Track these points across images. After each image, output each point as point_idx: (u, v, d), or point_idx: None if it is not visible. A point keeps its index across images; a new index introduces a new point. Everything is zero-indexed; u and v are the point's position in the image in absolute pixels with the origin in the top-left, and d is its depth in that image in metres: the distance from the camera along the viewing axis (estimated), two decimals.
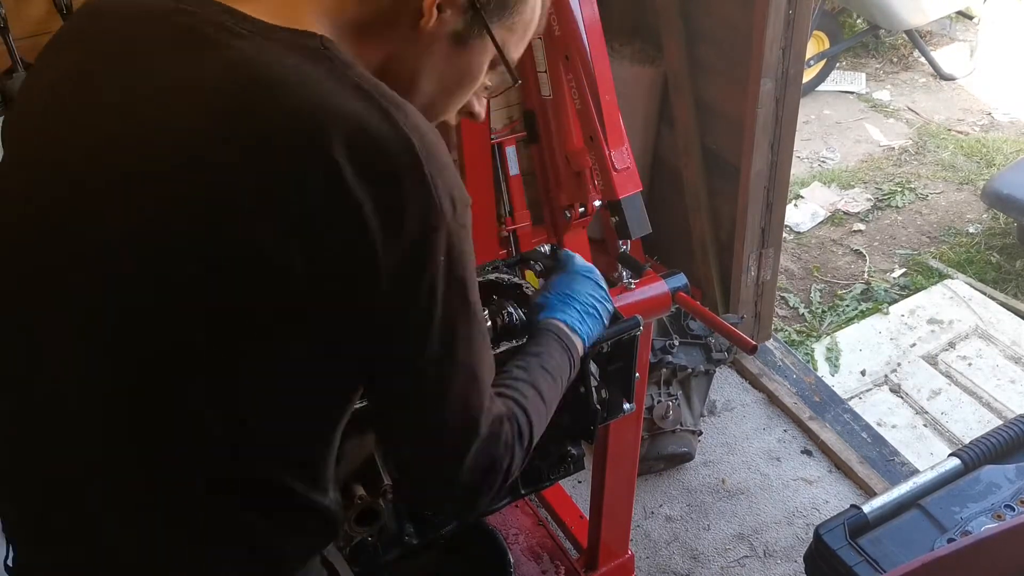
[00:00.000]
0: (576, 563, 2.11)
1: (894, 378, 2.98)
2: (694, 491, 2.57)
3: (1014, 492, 1.59)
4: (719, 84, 2.68)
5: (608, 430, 1.77)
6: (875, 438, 2.68)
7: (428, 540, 1.40)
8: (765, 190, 2.68)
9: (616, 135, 1.77)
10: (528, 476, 1.46)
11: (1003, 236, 3.67)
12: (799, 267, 3.59)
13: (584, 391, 1.38)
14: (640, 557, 2.37)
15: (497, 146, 2.84)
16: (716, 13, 2.59)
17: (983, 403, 2.86)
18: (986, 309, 3.23)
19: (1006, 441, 1.70)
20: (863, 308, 3.32)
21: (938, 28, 5.17)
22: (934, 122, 4.57)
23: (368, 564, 1.34)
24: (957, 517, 1.56)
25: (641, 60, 2.89)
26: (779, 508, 2.51)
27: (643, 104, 2.92)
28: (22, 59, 2.11)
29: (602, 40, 1.82)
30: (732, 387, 2.91)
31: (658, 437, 2.53)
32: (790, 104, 2.52)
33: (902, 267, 3.56)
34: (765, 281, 2.89)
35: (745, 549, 2.41)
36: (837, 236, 3.76)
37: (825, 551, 1.55)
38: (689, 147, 2.83)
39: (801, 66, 2.48)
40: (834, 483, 2.57)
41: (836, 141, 4.47)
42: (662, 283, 1.65)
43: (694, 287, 2.56)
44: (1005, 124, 4.54)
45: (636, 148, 2.19)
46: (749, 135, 2.55)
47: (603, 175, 1.79)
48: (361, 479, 1.26)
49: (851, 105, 4.78)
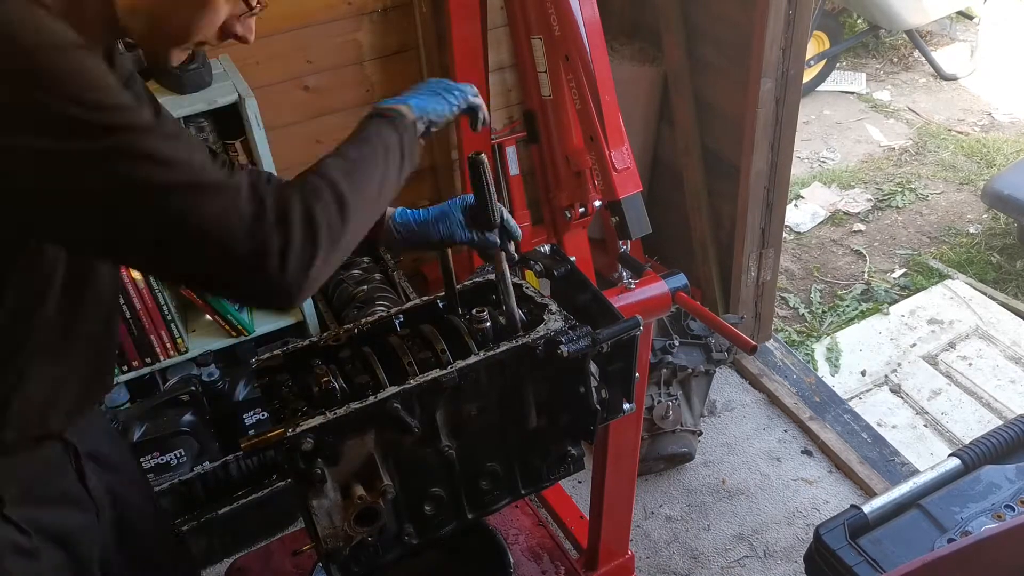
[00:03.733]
0: (576, 563, 2.11)
1: (894, 378, 2.98)
2: (694, 491, 2.57)
3: (1014, 492, 1.59)
4: (719, 84, 2.68)
5: (608, 430, 1.77)
6: (875, 438, 2.68)
7: (428, 540, 1.40)
8: (765, 190, 2.68)
9: (616, 135, 1.77)
10: (528, 476, 1.46)
11: (1003, 236, 3.66)
12: (799, 267, 3.59)
13: (584, 391, 1.38)
14: (640, 557, 2.37)
15: (497, 146, 2.85)
16: (716, 13, 2.59)
17: (983, 403, 2.86)
18: (986, 309, 3.23)
19: (1006, 441, 1.70)
20: (863, 308, 3.32)
21: (938, 28, 5.17)
22: (934, 122, 4.57)
23: (368, 564, 1.34)
24: (957, 517, 1.56)
25: (641, 60, 2.89)
26: (779, 508, 2.51)
27: (643, 104, 2.93)
28: None
29: (602, 40, 1.82)
30: (732, 387, 2.91)
31: (658, 437, 2.53)
32: (790, 104, 2.52)
33: (902, 267, 3.56)
34: (765, 281, 2.89)
35: (745, 549, 2.41)
36: (837, 236, 3.76)
37: (825, 551, 1.55)
38: (689, 147, 2.83)
39: (801, 66, 2.48)
40: (834, 483, 2.57)
41: (836, 141, 4.47)
42: (662, 283, 1.65)
43: (694, 287, 2.56)
44: (1005, 124, 4.54)
45: (636, 148, 2.19)
46: (749, 135, 2.55)
47: (603, 175, 1.79)
48: (361, 479, 1.26)
49: (851, 105, 4.78)
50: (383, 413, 1.23)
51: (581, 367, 1.35)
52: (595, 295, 1.49)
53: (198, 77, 2.17)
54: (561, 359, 1.29)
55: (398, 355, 1.30)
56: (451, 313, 1.41)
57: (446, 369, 1.26)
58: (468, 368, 1.27)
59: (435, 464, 1.34)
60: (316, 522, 1.24)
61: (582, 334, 1.32)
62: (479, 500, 1.43)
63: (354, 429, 1.23)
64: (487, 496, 1.43)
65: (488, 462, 1.41)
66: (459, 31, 2.38)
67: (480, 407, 1.34)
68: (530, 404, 1.37)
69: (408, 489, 1.33)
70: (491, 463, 1.41)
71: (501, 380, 1.33)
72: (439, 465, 1.34)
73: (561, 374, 1.35)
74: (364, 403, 1.22)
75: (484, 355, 1.29)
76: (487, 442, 1.38)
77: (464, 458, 1.36)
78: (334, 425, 1.20)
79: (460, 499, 1.41)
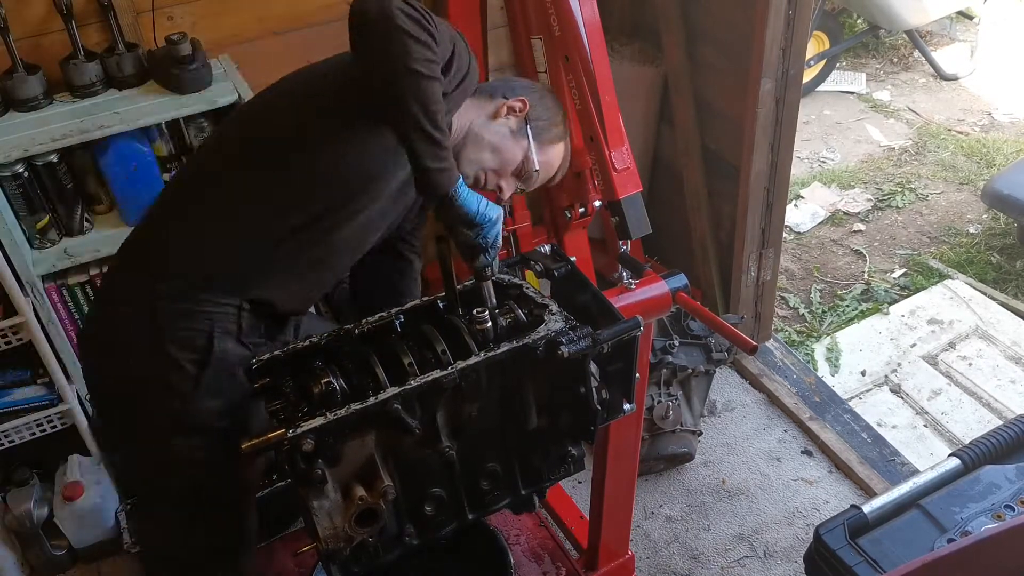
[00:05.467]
0: (576, 563, 2.11)
1: (894, 378, 2.98)
2: (694, 491, 2.57)
3: (1014, 492, 1.58)
4: (719, 84, 2.68)
5: (608, 430, 1.77)
6: (875, 438, 2.68)
7: (428, 540, 1.41)
8: (765, 190, 2.68)
9: (616, 135, 1.77)
10: (528, 476, 1.46)
11: (1003, 236, 3.67)
12: (799, 267, 3.59)
13: (584, 391, 1.38)
14: (640, 557, 2.37)
15: None
16: (716, 13, 2.59)
17: (983, 403, 2.86)
18: (986, 309, 3.23)
19: (1006, 441, 1.70)
20: (863, 308, 3.32)
21: (938, 28, 5.17)
22: (934, 122, 4.57)
23: (368, 564, 1.34)
24: (957, 517, 1.55)
25: (641, 60, 2.89)
26: (779, 508, 2.51)
27: (643, 104, 2.93)
28: (22, 60, 2.11)
29: (602, 40, 1.82)
30: (732, 387, 2.91)
31: (658, 437, 2.53)
32: (790, 104, 2.53)
33: (902, 267, 3.56)
34: (765, 281, 2.89)
35: (745, 549, 2.41)
36: (837, 236, 3.76)
37: (825, 551, 1.55)
38: (689, 147, 2.83)
39: (801, 66, 2.48)
40: (834, 483, 2.57)
41: (836, 141, 4.47)
42: (662, 283, 1.65)
43: (694, 287, 2.56)
44: (1005, 124, 4.54)
45: (636, 148, 2.19)
46: (749, 135, 2.55)
47: (603, 175, 1.79)
48: (361, 479, 1.26)
49: (851, 105, 4.78)
50: (383, 414, 1.23)
51: (581, 367, 1.35)
52: (595, 295, 1.49)
53: (198, 77, 2.16)
54: (561, 359, 1.29)
55: (398, 355, 1.30)
56: (451, 313, 1.41)
57: (446, 370, 1.26)
58: (468, 368, 1.27)
59: (435, 464, 1.34)
60: (317, 522, 1.24)
61: (582, 334, 1.32)
62: (479, 500, 1.43)
63: (355, 430, 1.23)
64: (487, 496, 1.43)
65: (488, 462, 1.41)
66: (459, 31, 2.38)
67: (480, 407, 1.34)
68: (530, 404, 1.37)
69: (408, 489, 1.33)
70: (491, 463, 1.41)
71: (501, 380, 1.33)
72: (439, 465, 1.35)
73: (561, 374, 1.35)
74: (365, 404, 1.22)
75: (484, 355, 1.29)
76: (487, 442, 1.38)
77: (464, 458, 1.36)
78: (335, 426, 1.20)
79: (460, 499, 1.41)
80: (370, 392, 1.24)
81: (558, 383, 1.37)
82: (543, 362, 1.32)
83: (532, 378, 1.35)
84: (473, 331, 1.33)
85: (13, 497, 2.32)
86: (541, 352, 1.31)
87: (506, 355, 1.29)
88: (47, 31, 2.21)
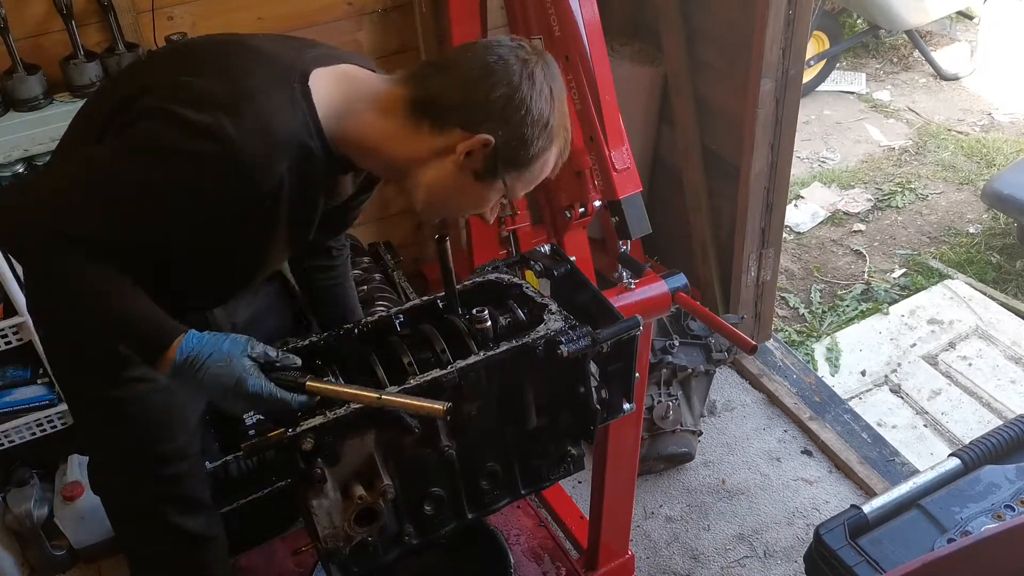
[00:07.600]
0: (577, 563, 2.11)
1: (894, 378, 2.98)
2: (694, 491, 2.57)
3: (1014, 492, 1.59)
4: (719, 84, 2.68)
5: (608, 430, 1.77)
6: (875, 438, 2.68)
7: (428, 540, 1.40)
8: (765, 190, 2.68)
9: (616, 135, 1.78)
10: (528, 476, 1.46)
11: (1003, 236, 3.66)
12: (799, 267, 3.59)
13: (584, 391, 1.38)
14: (640, 557, 2.37)
15: None
16: (716, 13, 2.59)
17: (983, 403, 2.85)
18: (986, 309, 3.23)
19: (1006, 441, 1.70)
20: (863, 308, 3.32)
21: (938, 28, 5.17)
22: (934, 122, 4.57)
23: (368, 564, 1.34)
24: (957, 517, 1.56)
25: (641, 60, 2.89)
26: (779, 508, 2.51)
27: (643, 104, 2.92)
28: (22, 60, 2.11)
29: (602, 40, 1.82)
30: (732, 387, 2.91)
31: (658, 437, 2.53)
32: (790, 104, 2.53)
33: (902, 267, 3.56)
34: (765, 281, 2.89)
35: (745, 549, 2.41)
36: (837, 236, 3.76)
37: (825, 551, 1.55)
38: (689, 147, 2.83)
39: (801, 66, 2.48)
40: (834, 483, 2.57)
41: (836, 141, 4.47)
42: (662, 283, 1.65)
43: (694, 287, 2.56)
44: (1005, 124, 4.54)
45: (636, 148, 2.19)
46: (749, 135, 2.55)
47: (603, 175, 1.79)
48: (361, 479, 1.26)
49: (851, 105, 4.78)
50: (383, 413, 1.23)
51: (581, 367, 1.35)
52: (595, 295, 1.49)
53: None
54: (561, 359, 1.29)
55: (398, 355, 1.30)
56: (451, 313, 1.41)
57: (446, 369, 1.26)
58: (468, 368, 1.27)
59: (435, 464, 1.34)
60: (316, 522, 1.24)
61: (582, 334, 1.32)
62: (479, 500, 1.43)
63: (354, 429, 1.24)
64: (487, 496, 1.43)
65: (488, 462, 1.41)
66: (459, 31, 2.38)
67: (480, 407, 1.34)
68: (530, 404, 1.38)
69: (408, 489, 1.33)
70: (491, 463, 1.41)
71: (501, 380, 1.33)
72: (439, 465, 1.35)
73: (561, 374, 1.35)
74: (365, 407, 1.22)
75: (484, 355, 1.29)
76: (487, 442, 1.38)
77: (464, 458, 1.36)
78: (334, 425, 1.20)
79: (460, 499, 1.41)
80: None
81: (558, 383, 1.37)
82: (543, 361, 1.32)
83: (532, 378, 1.35)
84: (473, 331, 1.33)
85: (13, 497, 2.32)
86: (541, 352, 1.31)
87: (506, 354, 1.30)
88: (47, 31, 2.21)
